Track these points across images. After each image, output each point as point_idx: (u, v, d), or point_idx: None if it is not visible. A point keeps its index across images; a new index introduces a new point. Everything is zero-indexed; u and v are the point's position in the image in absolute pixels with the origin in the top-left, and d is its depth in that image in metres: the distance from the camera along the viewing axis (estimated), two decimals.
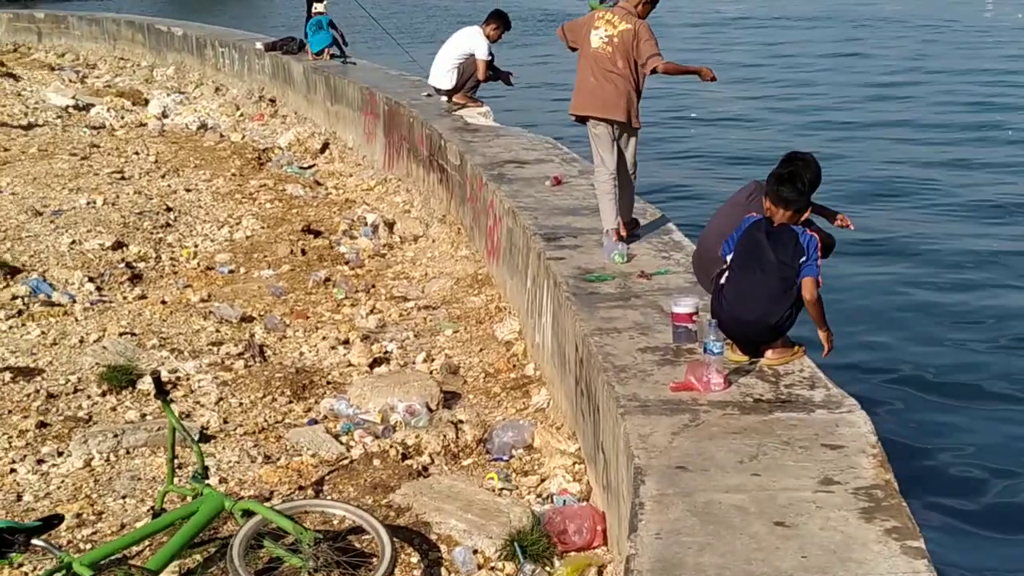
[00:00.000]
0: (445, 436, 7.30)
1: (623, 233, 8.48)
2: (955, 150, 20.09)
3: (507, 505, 6.26)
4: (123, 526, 6.35)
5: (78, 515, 6.45)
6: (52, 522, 5.48)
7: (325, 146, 17.80)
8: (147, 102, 22.56)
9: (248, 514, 5.69)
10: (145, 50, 28.91)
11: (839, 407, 5.68)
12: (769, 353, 6.30)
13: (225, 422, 7.80)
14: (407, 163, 14.70)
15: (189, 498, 5.93)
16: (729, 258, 6.41)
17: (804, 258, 6.12)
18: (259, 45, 22.14)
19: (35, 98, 22.21)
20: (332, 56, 19.84)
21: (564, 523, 6.07)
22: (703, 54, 32.49)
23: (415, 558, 5.98)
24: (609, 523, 5.99)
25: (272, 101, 21.45)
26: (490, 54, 14.27)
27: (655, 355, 6.46)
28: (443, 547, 6.08)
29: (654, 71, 8.33)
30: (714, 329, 5.95)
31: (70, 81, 25.85)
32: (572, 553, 5.96)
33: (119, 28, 30.64)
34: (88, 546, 6.06)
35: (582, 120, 8.63)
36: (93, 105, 21.77)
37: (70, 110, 21.21)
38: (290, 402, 8.24)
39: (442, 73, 14.72)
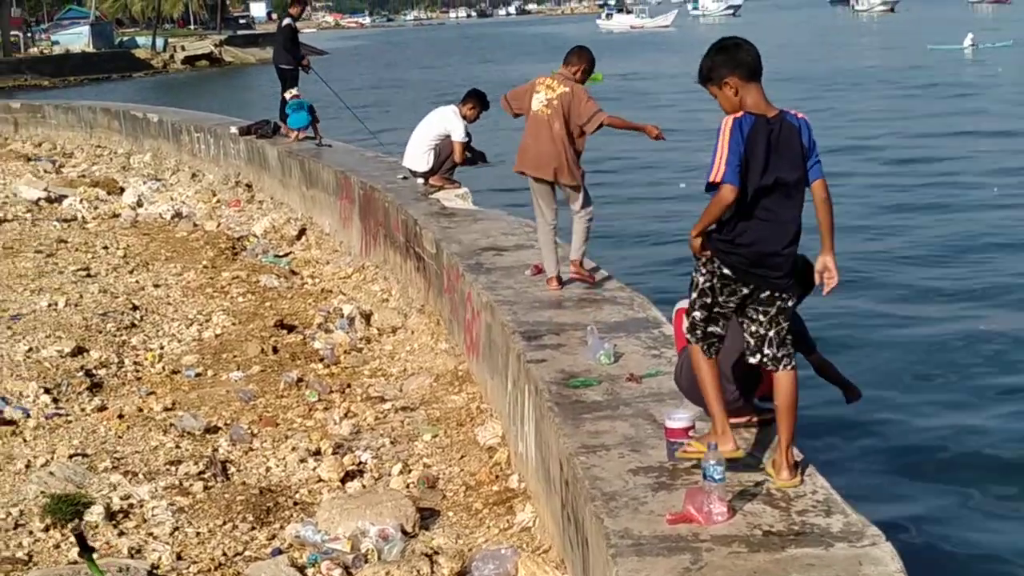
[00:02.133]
0: (418, 572, 6.53)
1: (562, 279, 9.29)
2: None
3: None
4: None
5: None
6: None
7: (302, 232, 17.15)
8: (122, 191, 21.96)
9: None
10: (122, 137, 28.41)
11: (861, 539, 4.94)
12: None
13: (179, 557, 7.03)
14: (384, 250, 14.03)
15: None
16: None
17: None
18: (233, 129, 21.59)
19: (6, 192, 21.64)
20: (306, 138, 19.25)
21: None
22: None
23: None
24: None
25: (248, 186, 20.87)
26: (467, 135, 13.66)
27: (648, 477, 5.73)
28: None
29: (601, 125, 9.08)
30: (714, 452, 5.23)
31: (45, 171, 25.32)
32: None
33: (95, 116, 30.14)
34: None
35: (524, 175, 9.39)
36: (66, 196, 21.20)
37: (41, 203, 20.65)
38: (252, 529, 7.48)
39: (418, 155, 14.11)
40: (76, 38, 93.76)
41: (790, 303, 5.66)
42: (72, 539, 5.53)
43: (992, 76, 43.57)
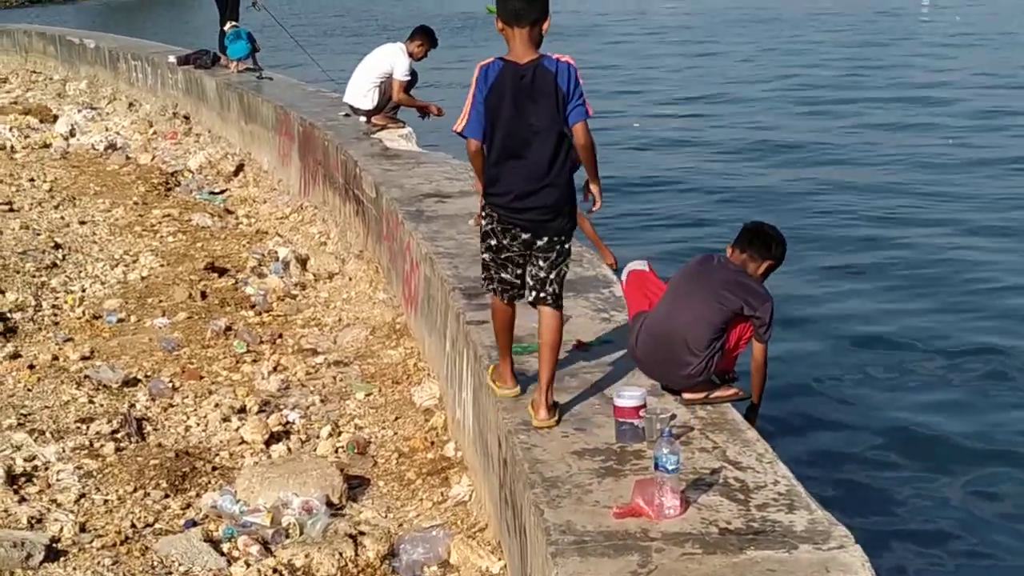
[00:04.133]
0: (341, 555, 6.00)
1: None
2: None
3: None
4: None
5: None
6: None
7: (239, 168, 16.45)
8: (55, 119, 21.09)
9: None
10: (58, 63, 27.46)
11: (827, 540, 4.46)
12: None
13: (83, 529, 6.45)
14: (323, 190, 13.41)
15: None
16: None
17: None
18: (171, 58, 20.76)
19: None
20: (247, 69, 18.50)
21: None
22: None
23: None
24: None
25: (186, 118, 20.09)
26: (411, 74, 13.04)
27: (595, 461, 5.22)
28: None
29: None
30: (668, 442, 4.72)
31: None
32: None
33: (31, 40, 29.16)
34: None
35: None
36: None
37: None
38: (166, 497, 6.91)
39: (361, 92, 13.48)
40: None
41: (568, 244, 5.81)
42: None
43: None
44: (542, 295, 5.74)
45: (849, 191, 16.71)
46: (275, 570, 5.94)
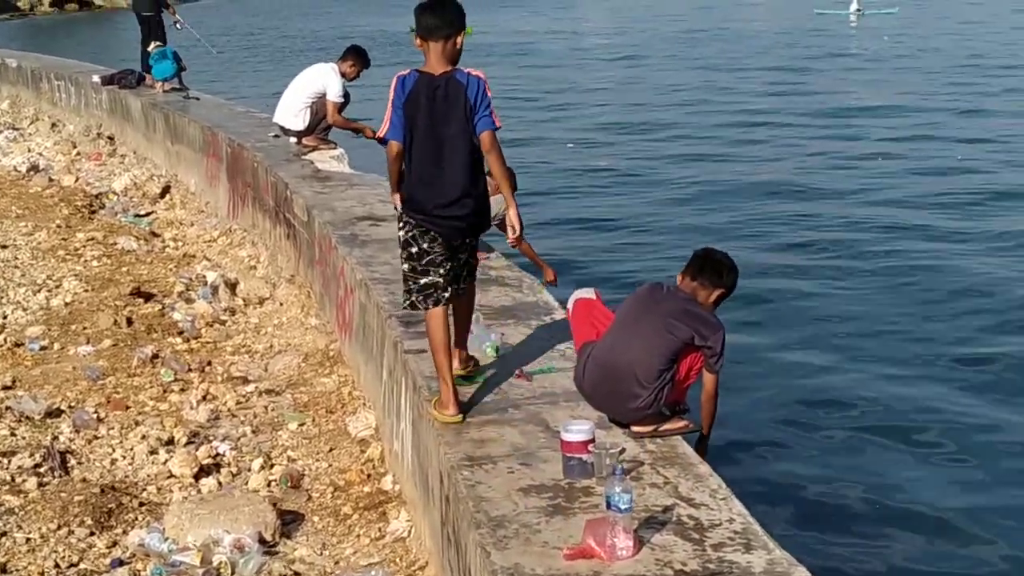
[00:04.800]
0: None
1: None
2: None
3: None
4: None
5: None
6: None
7: (165, 190, 16.09)
8: None
9: None
10: None
11: None
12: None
13: (3, 570, 6.17)
14: (253, 213, 13.13)
15: None
16: None
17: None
18: (96, 78, 20.39)
19: None
20: (173, 89, 18.17)
21: None
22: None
23: None
24: None
25: (111, 139, 19.72)
26: (345, 95, 12.79)
27: (542, 498, 5.02)
28: None
29: None
30: (620, 479, 4.53)
31: None
32: None
33: None
34: None
35: None
36: None
37: None
38: (91, 535, 6.60)
39: (291, 112, 13.21)
40: None
41: (477, 241, 6.31)
42: None
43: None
44: (461, 287, 6.18)
45: (786, 206, 16.72)
46: None
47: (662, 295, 5.76)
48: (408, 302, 6.15)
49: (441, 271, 6.01)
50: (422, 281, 6.03)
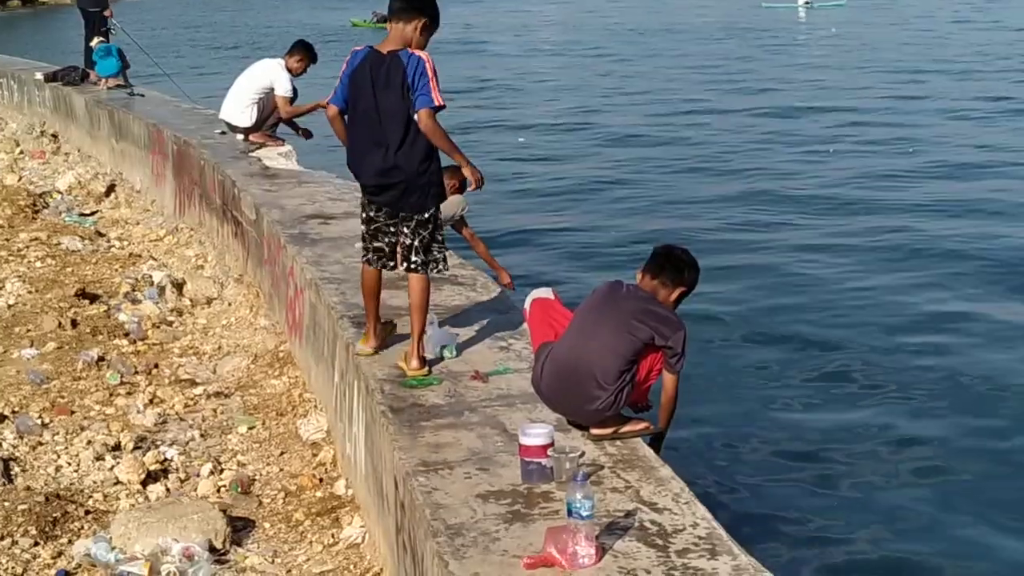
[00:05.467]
0: None
1: None
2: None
3: None
4: None
5: None
6: None
7: (110, 189, 15.82)
8: None
9: None
10: None
11: None
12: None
13: None
14: (200, 211, 12.91)
15: None
16: None
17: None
18: (39, 75, 20.06)
19: None
20: (118, 86, 17.88)
21: None
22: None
23: None
24: None
25: (55, 136, 19.39)
26: (293, 90, 12.59)
27: (501, 505, 4.87)
28: None
29: None
30: (581, 485, 4.40)
31: None
32: None
33: None
34: None
35: None
36: None
37: None
38: (36, 544, 6.39)
39: (238, 109, 13.00)
40: None
41: (427, 215, 6.39)
42: None
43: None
44: (411, 264, 6.40)
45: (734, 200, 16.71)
46: None
47: (622, 294, 5.60)
48: (365, 259, 6.59)
49: (387, 240, 6.46)
50: (374, 244, 6.50)
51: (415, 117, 6.13)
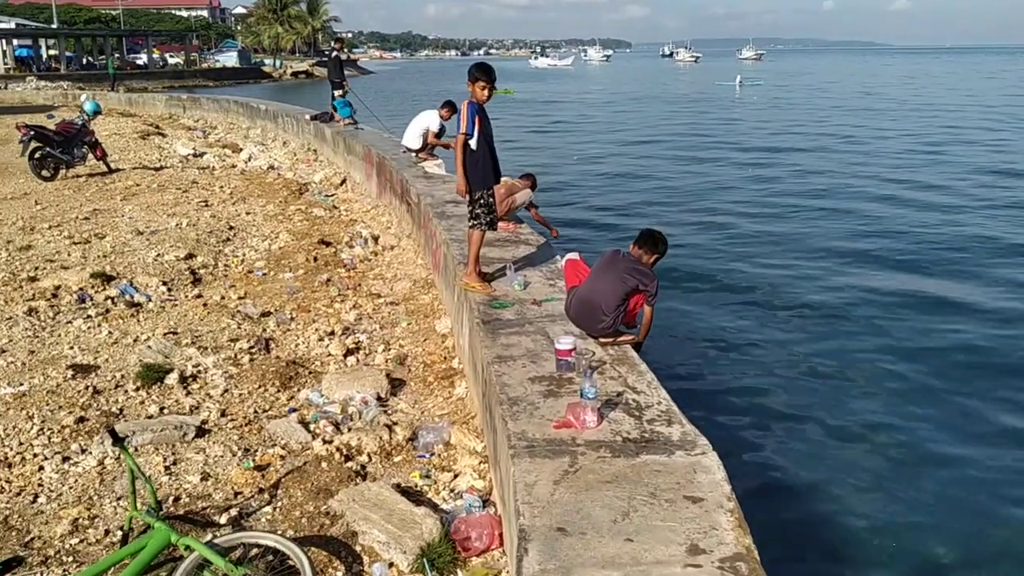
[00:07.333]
0: (381, 438, 5.23)
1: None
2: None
3: (421, 516, 4.21)
4: (107, 532, 4.25)
5: (74, 521, 4.34)
6: (11, 565, 3.40)
7: (343, 182, 15.42)
8: (240, 151, 20.01)
9: (190, 548, 3.63)
10: (244, 118, 26.20)
11: (694, 448, 3.69)
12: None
13: (223, 414, 5.69)
14: (390, 196, 12.46)
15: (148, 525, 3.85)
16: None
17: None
18: (307, 116, 19.68)
19: (168, 149, 19.62)
20: (349, 124, 17.47)
21: (467, 531, 4.07)
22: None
23: (340, 572, 3.95)
24: (504, 533, 3.99)
25: (315, 151, 18.98)
26: (442, 128, 12.08)
27: (542, 385, 4.42)
28: (365, 558, 4.05)
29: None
30: (589, 377, 3.93)
31: (198, 137, 23.17)
32: (473, 560, 3.96)
33: (230, 104, 27.85)
34: (69, 559, 3.96)
35: None
36: (205, 153, 19.22)
37: (189, 157, 18.64)
38: (278, 391, 6.12)
39: (412, 138, 12.51)
40: (228, 58, 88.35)
41: (473, 198, 6.01)
42: (109, 436, 4.08)
43: (745, 100, 42.08)
44: (471, 223, 6.07)
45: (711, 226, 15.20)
46: (339, 449, 5.16)
47: (619, 258, 5.10)
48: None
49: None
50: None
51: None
